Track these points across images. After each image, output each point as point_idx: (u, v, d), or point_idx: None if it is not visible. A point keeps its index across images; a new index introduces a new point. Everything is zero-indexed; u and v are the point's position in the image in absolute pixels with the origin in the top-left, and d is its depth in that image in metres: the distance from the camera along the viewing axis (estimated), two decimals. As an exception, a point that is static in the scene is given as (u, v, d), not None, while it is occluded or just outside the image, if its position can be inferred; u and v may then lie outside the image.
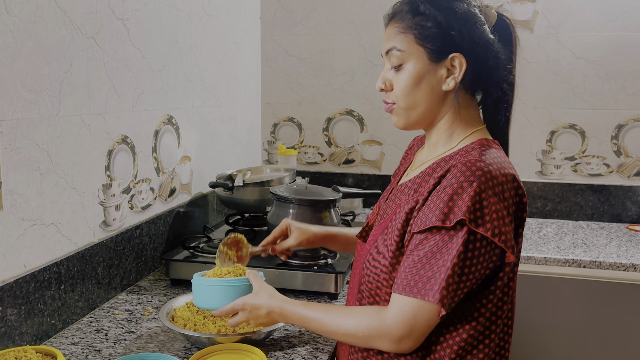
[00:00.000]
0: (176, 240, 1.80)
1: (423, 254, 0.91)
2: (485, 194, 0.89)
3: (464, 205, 0.88)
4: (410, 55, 0.99)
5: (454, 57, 0.98)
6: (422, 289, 0.90)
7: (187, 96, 1.88)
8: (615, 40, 2.27)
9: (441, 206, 0.90)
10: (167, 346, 1.23)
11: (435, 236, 0.91)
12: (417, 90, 1.00)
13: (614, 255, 1.94)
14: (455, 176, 0.91)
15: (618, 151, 2.33)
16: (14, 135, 1.13)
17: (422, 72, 0.99)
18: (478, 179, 0.89)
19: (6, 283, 1.12)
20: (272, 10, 2.55)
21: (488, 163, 0.92)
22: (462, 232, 0.88)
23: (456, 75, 0.99)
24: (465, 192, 0.89)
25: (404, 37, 0.99)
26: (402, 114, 1.03)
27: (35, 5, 1.17)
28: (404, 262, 0.94)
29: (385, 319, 0.93)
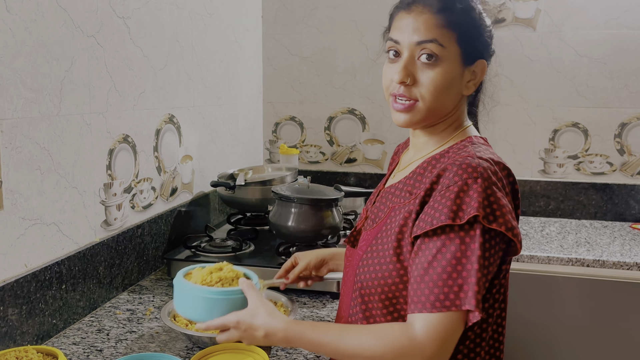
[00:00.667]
0: (178, 239, 1.79)
1: (446, 263, 0.85)
2: (491, 190, 0.87)
3: (473, 202, 0.85)
4: (449, 54, 0.93)
5: (478, 63, 0.98)
6: (455, 300, 0.84)
7: (189, 95, 1.87)
8: (619, 38, 2.26)
9: (449, 204, 0.86)
10: (168, 346, 1.23)
11: (454, 241, 0.86)
12: (447, 92, 0.95)
13: (617, 254, 1.93)
14: (457, 174, 0.88)
15: (621, 149, 2.32)
16: (14, 135, 1.13)
17: (455, 73, 0.95)
18: (481, 175, 0.87)
19: (7, 283, 1.12)
20: (274, 9, 2.54)
21: (485, 159, 0.90)
22: (478, 230, 0.85)
23: (476, 81, 0.99)
24: (471, 189, 0.86)
25: (447, 33, 0.93)
26: (422, 113, 0.96)
27: (35, 4, 1.16)
28: (424, 277, 0.86)
29: (416, 338, 0.85)
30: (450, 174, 0.89)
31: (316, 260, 1.27)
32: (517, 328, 1.97)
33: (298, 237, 1.65)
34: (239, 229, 1.91)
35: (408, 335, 0.85)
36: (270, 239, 1.80)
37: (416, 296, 0.87)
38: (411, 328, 0.86)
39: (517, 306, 1.95)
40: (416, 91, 0.95)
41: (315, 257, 1.27)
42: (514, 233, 0.87)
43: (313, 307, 1.45)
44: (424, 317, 0.85)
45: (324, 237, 1.68)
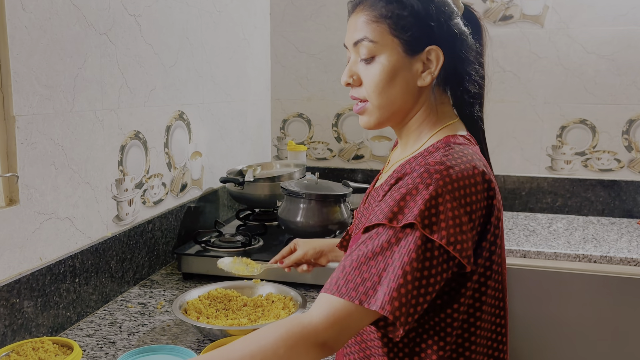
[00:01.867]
0: (187, 235, 1.82)
1: (363, 253, 0.80)
2: (442, 199, 0.80)
3: (415, 208, 0.79)
4: (383, 48, 0.90)
5: (430, 50, 0.90)
6: (361, 295, 0.77)
7: (198, 92, 1.89)
8: (627, 34, 2.26)
9: (391, 204, 0.81)
10: (180, 338, 1.25)
11: (381, 236, 0.80)
12: (392, 86, 0.91)
13: (625, 250, 1.94)
14: (411, 177, 0.82)
15: (629, 146, 2.32)
16: (29, 131, 1.15)
17: (397, 66, 0.90)
18: (435, 182, 0.80)
19: (23, 276, 1.14)
20: (282, 7, 2.55)
21: (450, 165, 0.82)
22: (413, 236, 0.78)
23: (432, 70, 0.91)
24: (419, 194, 0.80)
25: (377, 27, 0.90)
26: (374, 112, 0.93)
27: (50, 2, 1.19)
28: (343, 261, 0.82)
29: (311, 320, 0.79)
30: (407, 177, 0.84)
31: (314, 251, 1.30)
32: (523, 324, 1.98)
33: (306, 233, 1.67)
34: (247, 225, 1.93)
35: (299, 320, 0.79)
36: (279, 235, 1.81)
37: (330, 278, 0.82)
38: (307, 312, 0.81)
39: (524, 302, 1.96)
40: (363, 91, 0.93)
41: (313, 248, 1.30)
42: (456, 248, 0.79)
43: (321, 302, 1.46)
44: (326, 298, 0.80)
45: (332, 233, 1.70)
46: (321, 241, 1.33)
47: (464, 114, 0.97)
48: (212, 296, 1.34)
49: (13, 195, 1.13)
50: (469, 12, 0.97)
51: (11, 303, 1.11)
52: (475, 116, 0.98)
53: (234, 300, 1.34)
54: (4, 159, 1.11)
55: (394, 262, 0.78)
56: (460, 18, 0.93)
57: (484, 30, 0.97)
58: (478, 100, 0.97)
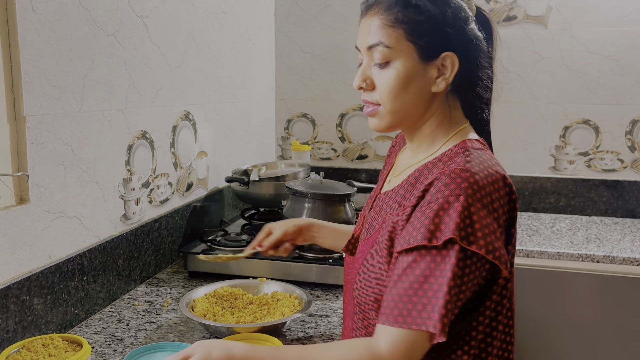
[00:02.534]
0: (193, 234, 1.83)
1: (414, 279, 0.82)
2: (474, 207, 0.81)
3: (451, 222, 0.80)
4: (399, 53, 0.89)
5: (445, 57, 0.89)
6: (417, 319, 0.80)
7: (204, 92, 1.91)
8: (630, 35, 2.26)
9: (426, 223, 0.82)
10: (186, 336, 1.27)
11: (425, 258, 0.82)
12: (406, 92, 0.90)
13: (628, 250, 1.95)
14: (439, 190, 0.83)
15: (632, 146, 2.33)
16: (39, 130, 1.17)
17: (412, 71, 0.89)
18: (465, 192, 0.81)
19: (33, 273, 1.16)
20: (287, 7, 2.57)
21: (474, 172, 0.83)
22: (453, 251, 0.80)
23: (447, 76, 0.90)
24: (451, 207, 0.81)
25: (392, 32, 0.88)
26: (386, 117, 0.93)
27: (59, 4, 1.20)
28: (392, 289, 0.84)
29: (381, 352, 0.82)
30: (434, 189, 0.84)
31: (293, 228, 1.27)
32: (526, 323, 1.99)
33: (311, 232, 1.68)
34: (252, 224, 1.95)
35: (372, 351, 0.82)
36: (284, 234, 1.83)
37: (383, 307, 0.84)
38: (376, 342, 0.83)
39: (527, 302, 1.97)
40: (376, 95, 0.93)
41: (292, 225, 1.27)
42: (495, 255, 0.81)
43: (326, 300, 1.48)
44: (388, 330, 0.82)
45: (337, 232, 1.71)
46: (298, 219, 1.30)
47: (475, 118, 0.98)
48: (218, 294, 1.36)
49: (23, 194, 1.15)
50: (481, 14, 0.96)
51: (21, 300, 1.13)
52: (485, 120, 0.99)
53: (240, 299, 1.36)
54: (14, 159, 1.13)
55: (442, 281, 0.80)
56: (474, 22, 0.93)
57: (495, 32, 0.97)
58: (488, 105, 0.98)
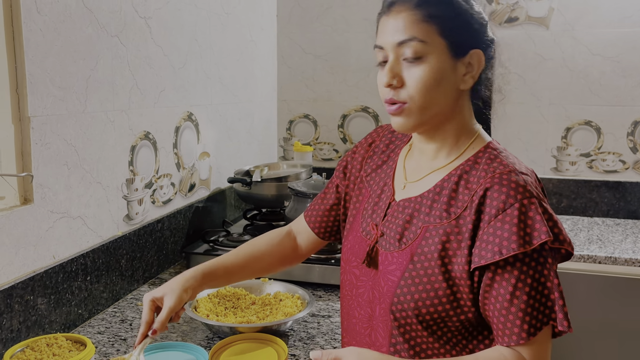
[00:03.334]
0: (195, 234, 1.84)
1: (530, 290, 0.83)
2: (543, 207, 0.85)
3: (539, 224, 0.83)
4: (432, 48, 0.87)
5: (473, 54, 0.90)
6: (543, 318, 0.84)
7: (206, 93, 1.91)
8: (632, 36, 2.26)
9: (515, 230, 0.83)
10: (189, 336, 1.27)
11: (530, 265, 0.84)
12: (437, 88, 0.89)
13: (630, 251, 1.95)
14: (509, 195, 0.84)
15: (634, 148, 2.33)
16: (44, 131, 1.17)
17: (444, 68, 0.88)
18: (532, 194, 0.85)
19: (37, 273, 1.16)
20: (289, 8, 2.57)
21: (524, 172, 0.88)
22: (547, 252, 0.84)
23: (474, 73, 0.91)
24: (530, 211, 0.84)
25: (427, 27, 0.87)
26: (415, 114, 0.91)
27: (63, 5, 1.21)
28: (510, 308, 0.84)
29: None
30: (501, 194, 0.85)
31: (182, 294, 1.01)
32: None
33: (313, 232, 1.69)
34: (255, 224, 1.95)
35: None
36: (286, 234, 1.83)
37: (507, 329, 0.84)
38: (521, 355, 0.85)
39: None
40: (404, 93, 0.90)
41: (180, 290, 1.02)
42: (572, 246, 0.88)
43: (329, 300, 1.48)
44: (525, 347, 0.84)
45: (339, 233, 1.72)
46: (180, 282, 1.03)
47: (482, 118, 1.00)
48: (221, 294, 1.36)
49: (28, 195, 1.16)
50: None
51: (25, 300, 1.14)
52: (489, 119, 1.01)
53: (243, 299, 1.36)
54: (19, 159, 1.14)
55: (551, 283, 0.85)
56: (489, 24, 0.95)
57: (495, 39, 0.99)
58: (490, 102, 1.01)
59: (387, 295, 0.93)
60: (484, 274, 0.85)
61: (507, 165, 0.89)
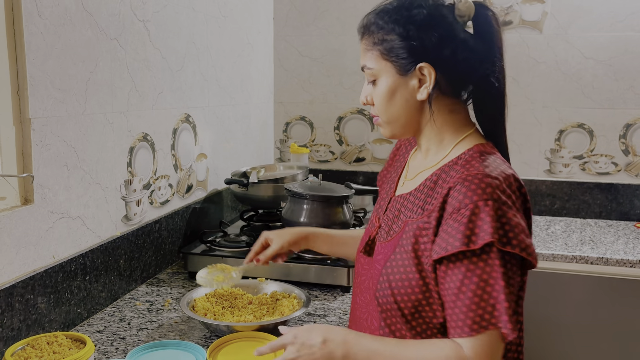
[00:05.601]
0: (193, 235, 1.85)
1: (475, 287, 0.87)
2: (502, 211, 0.87)
3: (486, 226, 0.86)
4: (380, 72, 0.99)
5: (421, 67, 0.96)
6: (491, 319, 0.87)
7: (204, 95, 1.93)
8: (624, 40, 2.30)
9: (462, 229, 0.87)
10: (187, 334, 1.29)
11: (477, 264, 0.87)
12: (393, 104, 1.00)
13: (621, 252, 1.98)
14: (466, 195, 0.88)
15: (626, 150, 2.36)
16: (44, 133, 1.19)
17: (394, 86, 0.99)
18: (491, 197, 0.87)
19: (37, 273, 1.18)
20: (285, 11, 2.60)
21: (494, 176, 0.90)
22: (494, 254, 0.87)
23: (427, 85, 0.97)
24: (482, 212, 0.86)
25: (372, 55, 1.00)
26: (385, 126, 1.03)
27: (64, 9, 1.23)
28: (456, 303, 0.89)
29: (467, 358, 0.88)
30: (460, 194, 0.89)
31: (291, 239, 1.28)
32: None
33: (310, 233, 1.71)
34: (251, 225, 1.97)
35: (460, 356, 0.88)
36: (282, 235, 1.85)
37: (453, 321, 0.90)
38: (461, 349, 0.89)
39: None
40: (374, 109, 1.03)
41: (289, 236, 1.28)
42: (528, 252, 0.88)
43: (324, 300, 1.50)
44: (467, 340, 0.88)
45: (335, 233, 1.74)
46: (295, 230, 1.31)
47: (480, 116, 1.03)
48: (218, 294, 1.38)
49: (28, 195, 1.17)
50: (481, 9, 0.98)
51: (26, 299, 1.15)
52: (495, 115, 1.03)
53: (240, 298, 1.38)
54: (19, 160, 1.16)
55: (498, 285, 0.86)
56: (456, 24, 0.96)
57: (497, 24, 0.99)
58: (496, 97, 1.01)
59: (374, 281, 1.01)
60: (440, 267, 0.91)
61: (478, 167, 0.92)
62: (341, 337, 0.93)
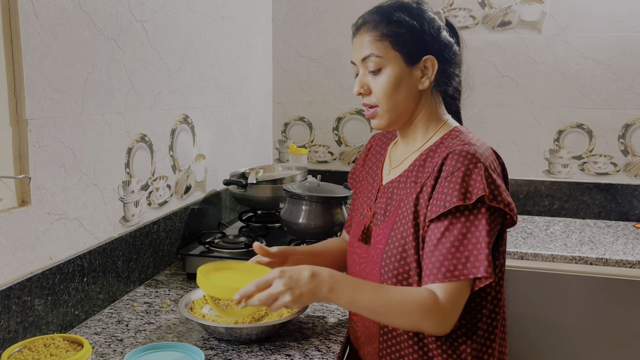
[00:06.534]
0: (191, 236, 1.85)
1: (454, 239, 0.98)
2: (488, 172, 1.00)
3: (479, 184, 0.98)
4: (388, 61, 1.08)
5: (426, 59, 1.09)
6: (463, 270, 0.97)
7: (202, 96, 1.92)
8: (623, 40, 2.30)
9: (457, 187, 0.99)
10: (185, 336, 1.28)
11: (460, 219, 0.99)
12: (397, 92, 1.09)
13: (620, 252, 1.97)
14: (458, 161, 1.01)
15: (625, 150, 2.36)
16: (41, 134, 1.18)
17: (400, 75, 1.08)
18: (479, 160, 1.00)
19: (34, 274, 1.17)
20: (284, 12, 2.59)
21: (478, 146, 1.04)
22: (484, 208, 0.99)
23: (430, 75, 1.10)
24: (473, 173, 0.99)
25: (381, 44, 1.08)
26: (385, 115, 1.11)
27: (61, 9, 1.22)
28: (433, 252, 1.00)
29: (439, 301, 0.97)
30: (452, 161, 1.01)
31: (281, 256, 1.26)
32: (521, 325, 2.01)
33: (308, 234, 1.70)
34: (250, 226, 1.96)
35: (435, 298, 0.98)
36: (281, 236, 1.85)
37: (428, 269, 1.00)
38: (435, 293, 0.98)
39: (522, 303, 2.00)
40: (372, 98, 1.11)
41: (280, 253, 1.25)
42: (510, 208, 1.01)
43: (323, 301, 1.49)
44: (439, 286, 0.98)
45: (334, 234, 1.73)
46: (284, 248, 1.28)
47: (452, 109, 1.19)
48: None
49: (25, 197, 1.17)
50: (450, 24, 1.16)
51: (23, 301, 1.15)
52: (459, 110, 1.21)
53: (238, 300, 1.37)
54: (16, 161, 1.15)
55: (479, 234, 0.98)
56: (445, 30, 1.12)
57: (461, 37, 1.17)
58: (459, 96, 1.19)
59: (377, 262, 1.11)
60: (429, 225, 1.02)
61: (463, 140, 1.06)
62: (327, 272, 0.99)
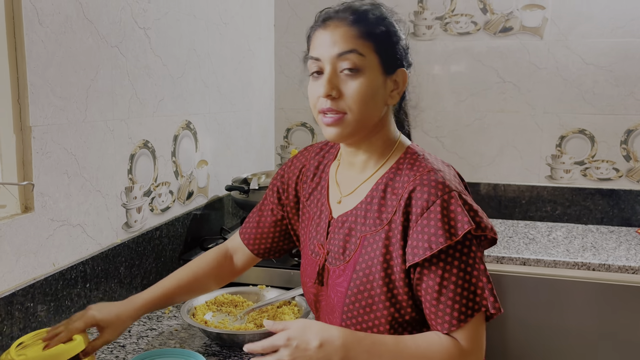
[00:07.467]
0: (193, 242, 1.85)
1: (455, 281, 0.90)
2: (462, 199, 0.91)
3: (460, 216, 0.89)
4: (369, 63, 0.92)
5: (399, 72, 0.97)
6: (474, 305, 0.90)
7: (205, 102, 1.93)
8: (625, 46, 2.30)
9: (440, 225, 0.89)
10: (187, 342, 1.28)
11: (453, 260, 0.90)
12: (372, 101, 0.94)
13: (623, 258, 1.97)
14: (430, 194, 0.90)
15: (627, 156, 2.36)
16: (45, 140, 1.19)
17: (377, 83, 0.94)
18: (450, 189, 0.91)
19: (37, 280, 1.18)
20: (286, 18, 2.60)
21: (443, 171, 0.95)
22: (474, 241, 0.91)
23: (399, 90, 0.98)
24: (451, 204, 0.90)
25: (364, 43, 0.92)
26: (351, 125, 0.94)
27: (65, 17, 1.23)
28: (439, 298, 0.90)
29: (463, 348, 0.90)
30: (423, 194, 0.91)
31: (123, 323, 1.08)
32: (523, 331, 2.01)
33: (310, 240, 1.70)
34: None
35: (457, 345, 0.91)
36: (283, 242, 1.85)
37: (439, 318, 0.91)
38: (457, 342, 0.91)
39: (524, 309, 1.99)
40: (343, 104, 0.93)
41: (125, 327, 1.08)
42: (494, 232, 0.94)
43: (325, 307, 1.50)
44: (459, 332, 0.91)
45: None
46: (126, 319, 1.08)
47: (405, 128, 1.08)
48: (218, 301, 1.38)
49: (28, 203, 1.17)
50: None
51: (26, 307, 1.15)
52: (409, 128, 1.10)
53: (240, 306, 1.38)
54: (20, 168, 1.16)
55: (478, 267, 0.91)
56: None
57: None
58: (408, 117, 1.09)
59: (338, 306, 0.99)
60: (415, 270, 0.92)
61: (425, 166, 0.95)
62: (339, 340, 0.87)
